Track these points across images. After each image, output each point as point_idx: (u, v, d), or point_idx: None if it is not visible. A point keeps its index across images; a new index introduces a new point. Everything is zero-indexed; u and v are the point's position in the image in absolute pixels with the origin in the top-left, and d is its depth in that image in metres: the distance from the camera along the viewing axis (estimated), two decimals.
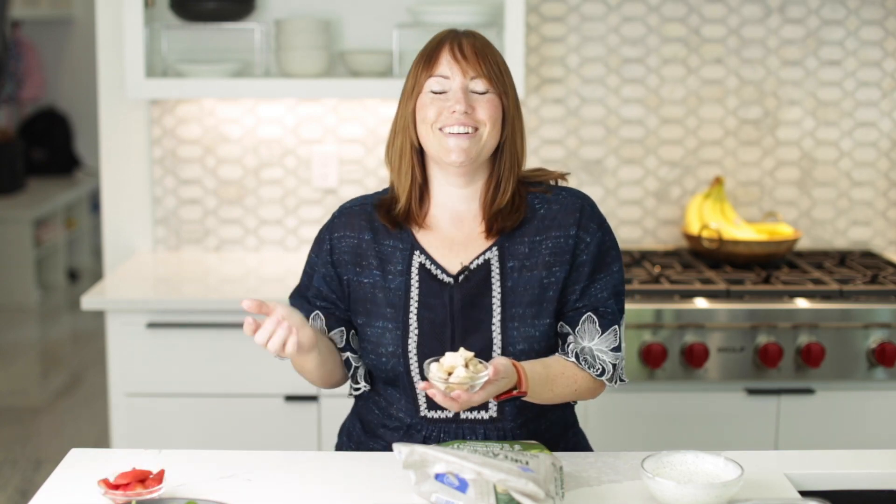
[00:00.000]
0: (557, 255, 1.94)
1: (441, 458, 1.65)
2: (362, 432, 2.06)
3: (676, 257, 3.30)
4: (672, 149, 3.43)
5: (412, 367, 1.93)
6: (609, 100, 3.41)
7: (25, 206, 6.55)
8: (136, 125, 3.40)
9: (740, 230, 3.26)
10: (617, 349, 1.95)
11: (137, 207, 3.43)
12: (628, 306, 2.82)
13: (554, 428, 2.02)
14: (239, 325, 2.89)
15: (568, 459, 1.92)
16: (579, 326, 1.94)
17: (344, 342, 2.01)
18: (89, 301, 2.92)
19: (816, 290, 2.93)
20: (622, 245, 3.45)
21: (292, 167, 3.43)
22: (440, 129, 1.90)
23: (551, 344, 1.95)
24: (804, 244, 3.47)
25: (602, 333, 1.94)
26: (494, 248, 1.95)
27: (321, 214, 3.41)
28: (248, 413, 2.96)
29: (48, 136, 7.45)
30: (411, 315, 1.94)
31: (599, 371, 1.94)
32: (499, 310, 1.93)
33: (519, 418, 1.96)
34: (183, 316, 2.94)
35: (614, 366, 1.95)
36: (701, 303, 2.86)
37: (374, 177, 3.42)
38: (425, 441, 1.95)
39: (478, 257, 1.95)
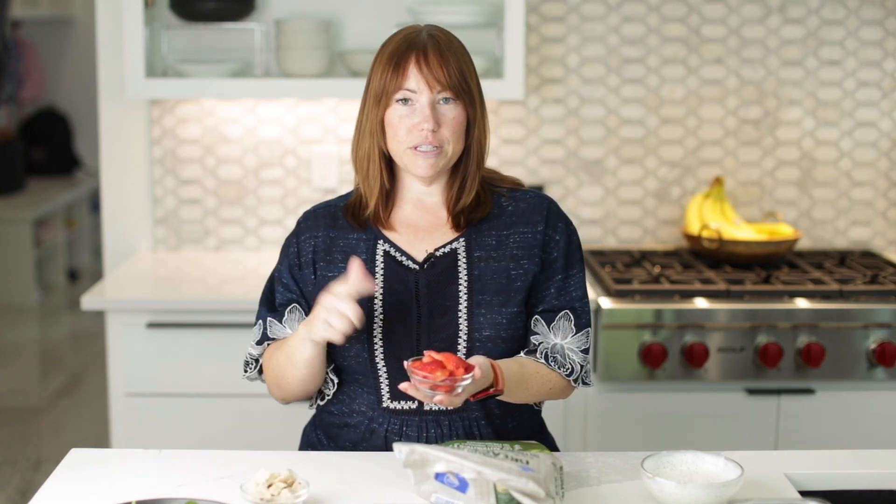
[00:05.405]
0: (525, 249, 1.99)
1: (441, 457, 1.65)
2: (327, 442, 2.06)
3: (676, 257, 3.30)
4: (672, 149, 3.43)
5: (377, 353, 1.95)
6: (609, 100, 3.41)
7: (25, 206, 6.55)
8: (136, 125, 3.40)
9: (740, 230, 3.26)
10: (586, 352, 2.01)
11: (137, 207, 3.43)
12: (628, 306, 2.82)
13: (520, 429, 2.03)
14: (239, 325, 2.90)
15: (568, 459, 1.92)
16: (555, 323, 1.99)
17: None
18: (89, 301, 2.92)
19: (816, 290, 2.92)
20: (622, 245, 3.46)
21: (292, 167, 3.43)
22: (410, 149, 1.94)
23: (518, 333, 1.98)
24: (804, 244, 3.47)
25: (576, 333, 1.99)
26: (462, 239, 2.00)
27: None
28: (247, 413, 2.96)
29: (48, 136, 7.44)
30: (376, 301, 1.96)
31: (568, 371, 1.98)
32: (465, 296, 1.96)
33: (483, 409, 1.98)
34: (183, 316, 2.94)
35: (581, 366, 2.00)
36: (701, 303, 2.86)
37: None
38: (387, 437, 1.96)
39: (444, 245, 1.99)
